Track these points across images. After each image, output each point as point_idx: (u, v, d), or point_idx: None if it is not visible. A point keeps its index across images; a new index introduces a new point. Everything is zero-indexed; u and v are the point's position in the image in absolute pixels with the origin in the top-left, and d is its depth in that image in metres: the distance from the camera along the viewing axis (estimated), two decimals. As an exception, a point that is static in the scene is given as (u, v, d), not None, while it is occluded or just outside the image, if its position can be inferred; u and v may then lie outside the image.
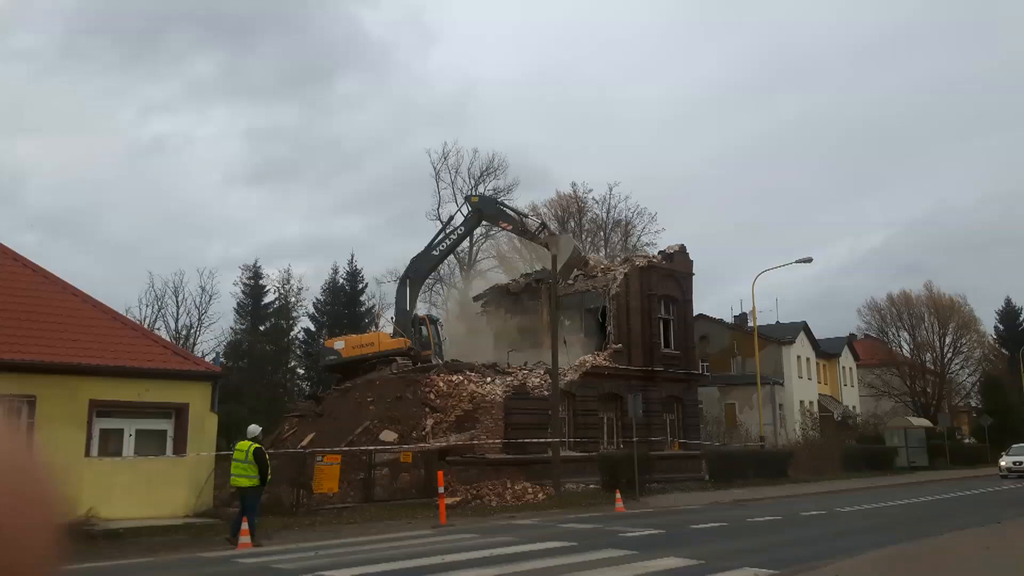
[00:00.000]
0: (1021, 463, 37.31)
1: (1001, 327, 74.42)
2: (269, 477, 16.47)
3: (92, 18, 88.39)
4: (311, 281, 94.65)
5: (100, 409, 19.73)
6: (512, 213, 37.81)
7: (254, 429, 16.94)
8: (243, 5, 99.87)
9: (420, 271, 36.27)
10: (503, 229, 40.71)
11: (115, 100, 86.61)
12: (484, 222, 38.98)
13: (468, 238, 43.96)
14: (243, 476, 15.95)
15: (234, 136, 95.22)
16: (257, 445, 16.27)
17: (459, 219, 37.26)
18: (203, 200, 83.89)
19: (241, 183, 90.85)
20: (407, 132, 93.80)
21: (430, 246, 36.12)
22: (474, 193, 46.19)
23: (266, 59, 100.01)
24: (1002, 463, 38.32)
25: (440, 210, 55.87)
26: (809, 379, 56.99)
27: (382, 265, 74.77)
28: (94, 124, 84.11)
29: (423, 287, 40.88)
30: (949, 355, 64.17)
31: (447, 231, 36.81)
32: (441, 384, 29.89)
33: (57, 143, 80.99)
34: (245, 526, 15.49)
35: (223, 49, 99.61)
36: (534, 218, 39.99)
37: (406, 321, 34.58)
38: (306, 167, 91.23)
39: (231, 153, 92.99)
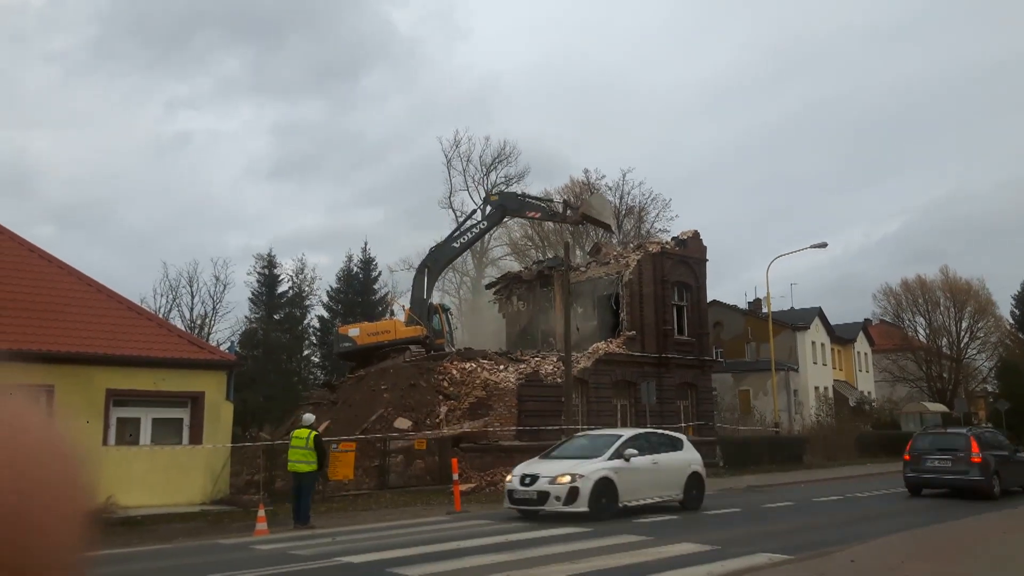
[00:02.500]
0: (537, 479, 16.54)
1: (1018, 312, 73.74)
2: (327, 461, 17.70)
3: (125, 21, 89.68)
4: (329, 271, 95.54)
5: (117, 398, 19.91)
6: (536, 202, 37.85)
7: (309, 418, 18.03)
8: (272, 5, 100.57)
9: (439, 261, 36.26)
10: (532, 219, 40.79)
11: (143, 98, 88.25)
12: (507, 218, 38.98)
13: (473, 220, 44.04)
14: (302, 462, 16.69)
15: (259, 131, 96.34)
16: (316, 432, 17.21)
17: (481, 213, 37.21)
18: (225, 193, 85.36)
19: (263, 177, 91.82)
20: (429, 125, 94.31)
21: (451, 238, 36.10)
22: (493, 191, 46.10)
23: (294, 56, 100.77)
24: (510, 479, 17.49)
25: (452, 198, 55.92)
26: (824, 365, 56.75)
27: (396, 254, 75.24)
28: (122, 121, 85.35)
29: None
30: (965, 340, 63.70)
31: (469, 225, 36.73)
32: (454, 372, 29.95)
33: (84, 139, 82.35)
34: (261, 513, 15.67)
35: (251, 47, 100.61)
36: (557, 201, 39.93)
37: (422, 309, 34.59)
38: (328, 161, 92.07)
39: (255, 148, 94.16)
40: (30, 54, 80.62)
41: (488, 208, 36.51)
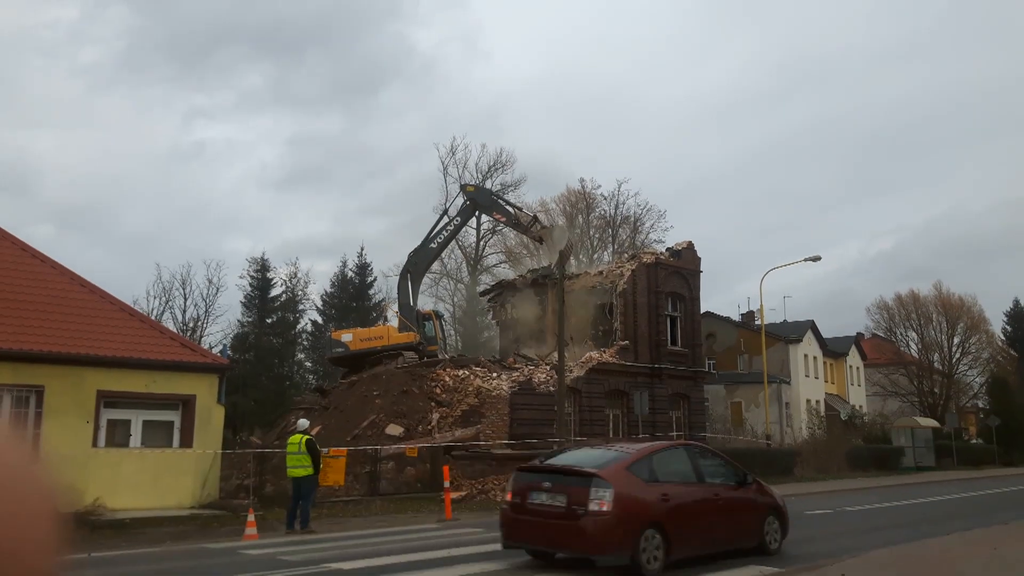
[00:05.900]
0: None
1: (1009, 328, 74.07)
2: (321, 465, 17.65)
3: (154, 36, 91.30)
4: (327, 279, 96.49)
5: (108, 399, 19.78)
6: (506, 206, 37.67)
7: (303, 423, 18.28)
8: (297, 23, 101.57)
9: (419, 265, 36.21)
10: (497, 221, 40.79)
11: (164, 108, 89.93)
12: (479, 212, 39.03)
13: (467, 228, 44.04)
14: (299, 467, 16.85)
15: (276, 142, 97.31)
16: (308, 437, 17.32)
17: (455, 209, 37.17)
18: (233, 200, 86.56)
19: (274, 185, 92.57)
20: (440, 137, 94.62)
21: (427, 239, 35.99)
22: (471, 183, 45.87)
23: (315, 72, 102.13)
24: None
25: (447, 204, 55.88)
26: (816, 378, 56.80)
27: (394, 261, 75.39)
28: (139, 129, 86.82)
29: (427, 281, 40.91)
30: (957, 355, 63.85)
31: (443, 223, 36.63)
32: (447, 379, 29.89)
33: (98, 144, 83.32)
34: (251, 517, 15.57)
35: (274, 63, 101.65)
36: (528, 212, 39.77)
37: (411, 315, 34.55)
38: (341, 171, 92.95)
39: (270, 157, 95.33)
40: (58, 64, 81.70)
41: (462, 201, 36.50)
